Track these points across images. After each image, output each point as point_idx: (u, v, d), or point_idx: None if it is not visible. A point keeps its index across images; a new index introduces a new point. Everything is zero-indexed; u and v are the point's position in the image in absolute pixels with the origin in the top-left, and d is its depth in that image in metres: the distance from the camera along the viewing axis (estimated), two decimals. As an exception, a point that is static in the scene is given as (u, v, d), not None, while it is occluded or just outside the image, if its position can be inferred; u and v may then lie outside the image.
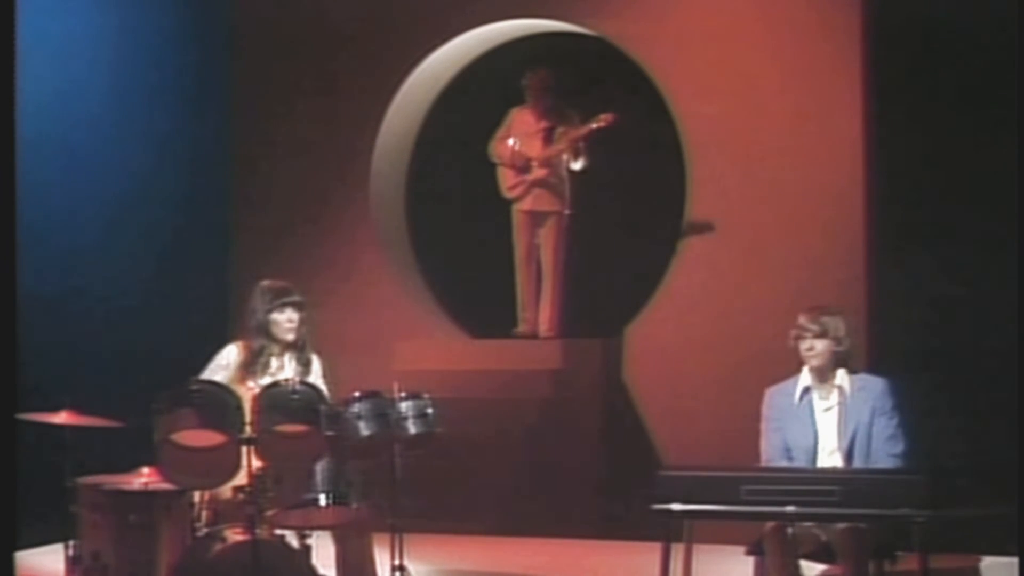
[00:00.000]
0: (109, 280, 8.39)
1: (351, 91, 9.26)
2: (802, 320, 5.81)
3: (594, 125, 8.68)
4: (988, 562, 6.85)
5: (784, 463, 5.74)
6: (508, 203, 9.02)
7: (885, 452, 5.65)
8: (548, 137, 8.93)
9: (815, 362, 5.78)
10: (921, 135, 7.88)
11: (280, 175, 9.39)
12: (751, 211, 8.35)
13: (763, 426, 5.87)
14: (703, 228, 8.48)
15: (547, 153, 8.88)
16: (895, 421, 5.70)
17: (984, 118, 7.68)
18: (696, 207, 8.51)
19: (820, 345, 5.76)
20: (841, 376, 5.79)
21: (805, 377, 5.83)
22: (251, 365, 6.16)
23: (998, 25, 7.39)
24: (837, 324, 5.82)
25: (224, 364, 6.19)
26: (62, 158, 8.14)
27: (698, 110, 8.50)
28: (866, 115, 8.11)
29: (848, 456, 5.69)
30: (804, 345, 5.78)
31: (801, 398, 5.82)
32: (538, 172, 8.90)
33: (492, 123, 9.06)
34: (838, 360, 5.79)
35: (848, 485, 5.28)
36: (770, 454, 5.80)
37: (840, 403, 5.77)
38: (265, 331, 6.19)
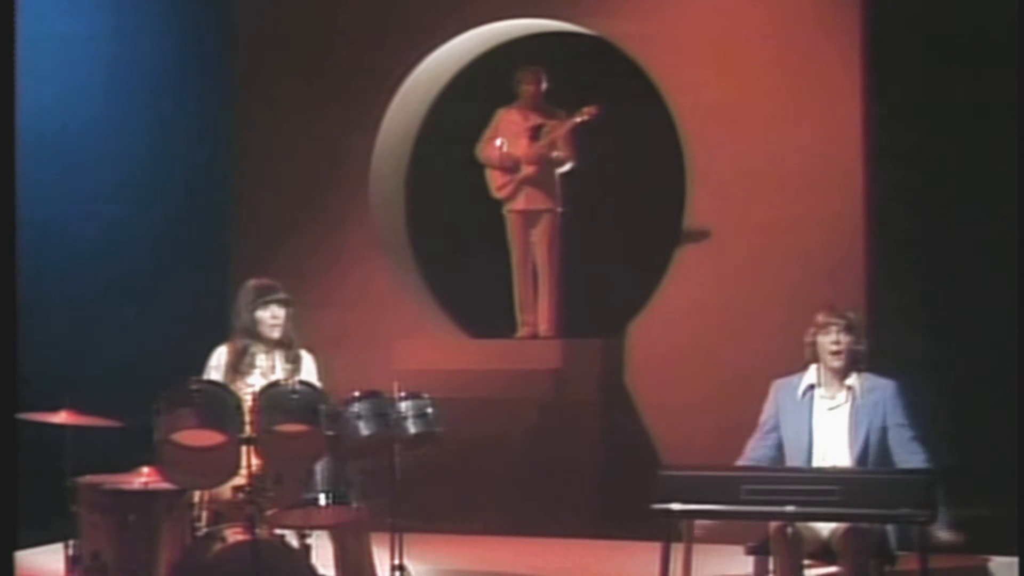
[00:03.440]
0: (109, 280, 8.39)
1: (351, 91, 9.26)
2: (823, 316, 5.76)
3: (578, 119, 8.68)
4: (988, 562, 6.86)
5: (771, 458, 5.74)
6: (506, 203, 9.03)
7: (912, 460, 5.59)
8: (535, 135, 8.93)
9: (836, 361, 5.72)
10: (921, 134, 7.89)
11: (280, 175, 9.39)
12: (750, 210, 8.35)
13: (761, 418, 5.86)
14: (702, 226, 8.48)
15: (534, 151, 8.88)
16: (910, 425, 5.67)
17: (984, 117, 7.69)
18: (695, 206, 8.51)
19: (845, 339, 5.71)
20: (851, 376, 5.76)
21: (811, 375, 5.80)
22: (237, 365, 6.16)
23: (998, 23, 7.39)
24: (860, 320, 5.80)
25: (215, 365, 6.21)
26: (62, 159, 8.15)
27: (697, 109, 8.50)
28: (866, 114, 8.12)
29: (861, 458, 5.66)
30: (829, 339, 5.71)
31: (804, 395, 5.81)
32: (527, 170, 8.90)
33: (487, 125, 9.06)
34: (856, 358, 5.76)
35: (848, 485, 5.28)
36: (755, 445, 5.79)
37: (849, 403, 5.73)
38: (249, 330, 6.19)
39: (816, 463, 5.72)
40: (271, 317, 6.19)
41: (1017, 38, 6.96)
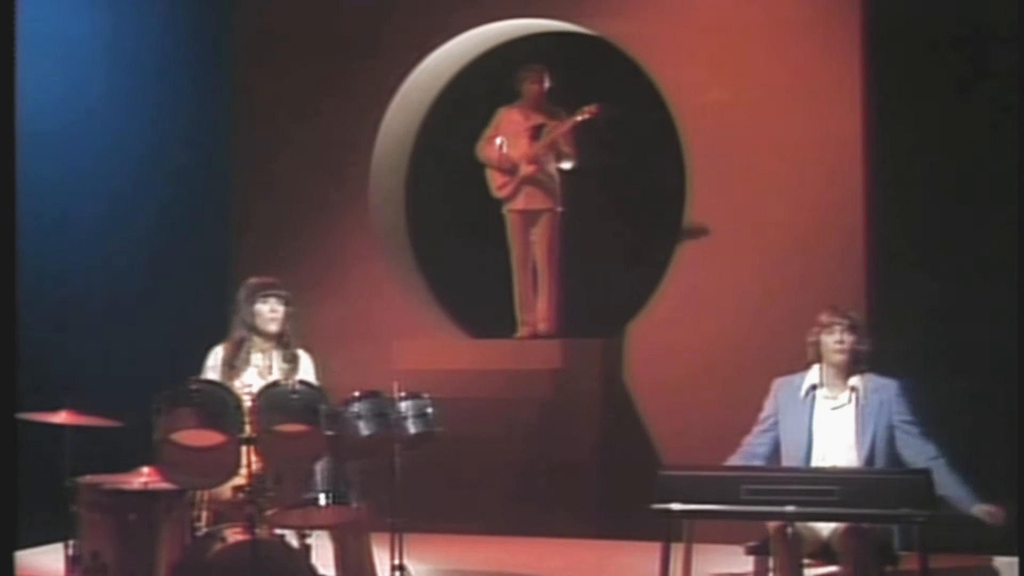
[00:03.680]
0: (109, 280, 8.39)
1: (351, 91, 9.25)
2: (827, 316, 5.78)
3: (579, 118, 8.69)
4: (988, 562, 6.86)
5: (766, 456, 5.75)
6: (506, 203, 9.02)
7: (922, 456, 5.62)
8: (535, 135, 8.93)
9: (839, 357, 5.73)
10: (921, 134, 7.88)
11: (280, 175, 9.39)
12: (750, 210, 8.35)
13: (761, 415, 5.87)
14: (702, 226, 8.48)
15: (534, 151, 8.88)
16: (918, 422, 5.68)
17: (984, 117, 7.68)
18: (695, 206, 8.51)
19: (849, 338, 5.73)
20: (855, 376, 5.76)
21: (814, 374, 5.81)
22: (234, 359, 6.17)
23: (998, 24, 7.39)
24: (862, 319, 5.82)
25: (211, 366, 6.21)
26: (62, 159, 8.14)
27: (697, 109, 8.50)
28: (866, 114, 8.12)
29: (869, 459, 5.67)
30: (833, 338, 5.74)
31: (806, 395, 5.81)
32: (526, 170, 8.90)
33: (488, 124, 9.06)
34: (858, 358, 5.77)
35: (848, 485, 5.29)
36: (752, 442, 5.80)
37: (854, 403, 5.74)
38: (247, 323, 6.22)
39: (816, 463, 5.72)
40: (270, 311, 6.20)
41: (1017, 37, 6.95)
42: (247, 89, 9.49)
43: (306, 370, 6.26)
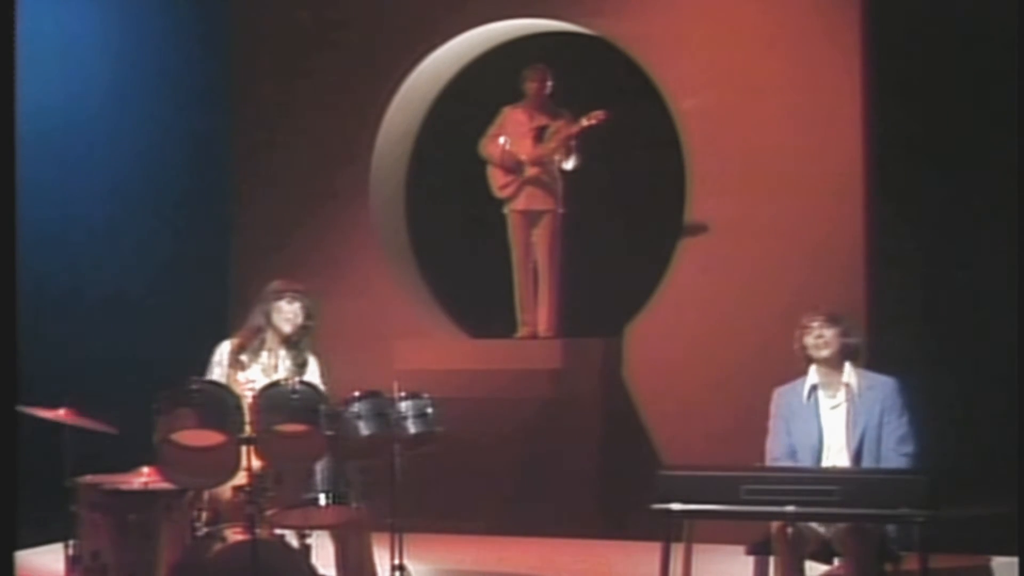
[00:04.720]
0: (109, 280, 8.39)
1: (351, 90, 9.26)
2: (805, 319, 5.80)
3: (585, 123, 8.67)
4: (988, 562, 6.86)
5: (789, 462, 5.74)
6: (507, 202, 9.03)
7: (896, 453, 5.64)
8: (539, 136, 8.92)
9: (825, 352, 5.73)
10: (921, 134, 7.89)
11: (280, 175, 9.39)
12: (750, 210, 8.35)
13: (771, 424, 5.86)
14: (702, 227, 8.49)
15: (538, 152, 8.87)
16: (905, 420, 5.68)
17: (984, 117, 7.69)
18: (695, 206, 8.51)
19: (829, 333, 5.73)
20: (848, 373, 5.77)
21: (812, 376, 5.82)
22: (244, 351, 6.17)
23: (998, 24, 7.39)
24: (844, 315, 5.82)
25: (218, 360, 6.21)
26: (62, 158, 8.15)
27: (697, 109, 8.50)
28: (866, 114, 8.12)
29: (857, 456, 5.67)
30: (813, 335, 5.74)
31: (809, 397, 5.81)
32: (529, 171, 8.89)
33: (491, 122, 9.06)
34: (847, 352, 5.77)
35: (848, 485, 5.29)
36: (776, 453, 5.80)
37: (848, 401, 5.75)
38: (267, 314, 6.22)
39: (824, 462, 5.72)
40: (292, 312, 6.21)
41: (1017, 36, 6.96)
42: (247, 89, 9.49)
43: (312, 373, 6.26)
